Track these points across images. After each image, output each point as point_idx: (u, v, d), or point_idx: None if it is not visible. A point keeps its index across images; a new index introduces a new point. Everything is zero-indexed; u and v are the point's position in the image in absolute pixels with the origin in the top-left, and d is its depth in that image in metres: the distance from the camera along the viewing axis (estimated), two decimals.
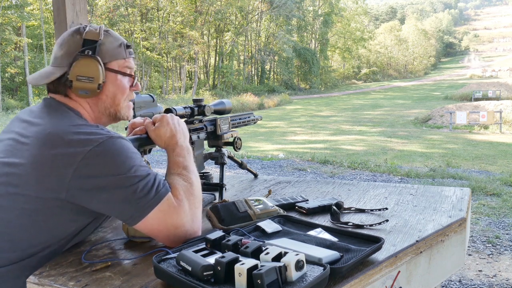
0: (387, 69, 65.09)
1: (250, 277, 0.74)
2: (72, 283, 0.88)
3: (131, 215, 0.97)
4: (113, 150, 0.98)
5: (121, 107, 1.16)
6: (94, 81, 1.07)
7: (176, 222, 1.00)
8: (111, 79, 1.11)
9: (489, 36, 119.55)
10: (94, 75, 1.07)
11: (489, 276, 3.00)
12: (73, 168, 0.94)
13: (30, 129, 1.03)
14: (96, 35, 1.09)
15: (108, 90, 1.12)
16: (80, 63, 1.06)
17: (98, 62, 1.07)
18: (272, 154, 9.19)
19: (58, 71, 1.07)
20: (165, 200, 0.99)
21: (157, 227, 0.99)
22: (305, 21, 48.47)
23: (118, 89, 1.14)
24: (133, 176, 0.97)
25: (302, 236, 1.02)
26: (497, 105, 17.71)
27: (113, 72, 1.12)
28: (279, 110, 25.93)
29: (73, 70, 1.06)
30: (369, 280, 0.89)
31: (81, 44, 1.07)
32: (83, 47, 1.07)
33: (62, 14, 1.93)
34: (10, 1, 26.54)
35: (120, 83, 1.14)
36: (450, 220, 1.20)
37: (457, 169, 7.13)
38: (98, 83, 1.07)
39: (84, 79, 1.06)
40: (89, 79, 1.07)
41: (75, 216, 1.00)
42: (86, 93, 1.08)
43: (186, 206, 1.03)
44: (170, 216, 0.99)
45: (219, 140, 1.55)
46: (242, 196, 1.54)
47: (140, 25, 33.86)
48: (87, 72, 1.06)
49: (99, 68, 1.07)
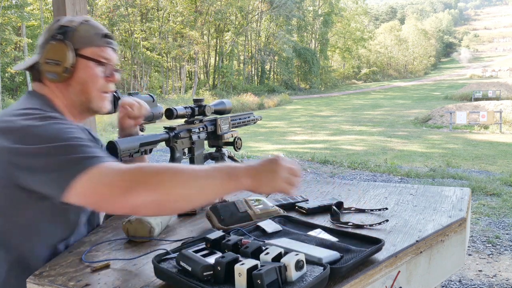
0: (387, 69, 65.07)
1: (250, 277, 0.74)
2: (72, 283, 0.88)
3: (56, 185, 0.91)
4: (43, 127, 0.97)
5: (92, 96, 1.14)
6: (61, 65, 1.07)
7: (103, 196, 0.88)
8: (82, 65, 1.10)
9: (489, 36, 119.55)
10: (61, 58, 1.07)
11: (489, 276, 3.00)
12: (7, 144, 0.95)
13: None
14: (71, 22, 1.10)
15: (78, 76, 1.11)
16: (50, 47, 1.08)
17: (67, 46, 1.08)
18: (272, 154, 9.18)
19: (36, 57, 1.11)
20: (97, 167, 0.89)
21: (83, 200, 0.90)
22: (305, 21, 48.45)
23: (89, 77, 1.12)
24: (57, 148, 0.92)
25: (302, 236, 1.03)
26: (497, 105, 17.70)
27: (84, 58, 1.10)
28: (279, 110, 25.92)
29: (44, 54, 1.08)
30: (369, 280, 0.89)
31: (55, 30, 1.10)
32: (55, 32, 1.09)
33: (62, 14, 1.93)
34: (10, 1, 26.53)
35: (92, 70, 1.12)
36: (450, 220, 1.20)
37: (457, 169, 7.13)
38: (64, 66, 1.07)
39: (51, 62, 1.07)
40: (56, 62, 1.07)
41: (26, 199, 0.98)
42: (54, 77, 1.08)
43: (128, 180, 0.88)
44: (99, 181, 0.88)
45: (220, 140, 1.55)
46: (242, 196, 1.54)
47: (140, 25, 33.85)
48: (55, 55, 1.07)
49: (68, 52, 1.07)
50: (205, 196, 0.92)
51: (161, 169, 0.90)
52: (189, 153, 1.44)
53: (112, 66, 1.17)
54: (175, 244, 1.06)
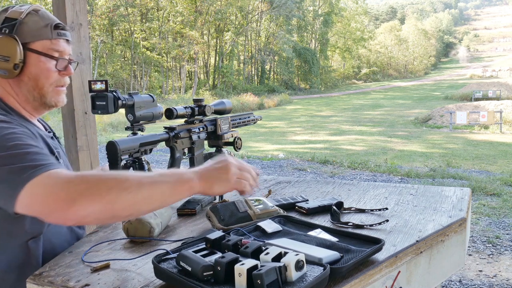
0: (387, 69, 65.08)
1: (250, 277, 0.74)
2: (72, 283, 0.88)
3: (4, 196, 0.87)
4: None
5: (46, 91, 1.11)
6: (10, 61, 1.03)
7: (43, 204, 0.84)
8: (33, 60, 1.06)
9: (489, 36, 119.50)
10: (9, 54, 1.02)
11: (489, 276, 2.99)
12: None
13: None
14: (18, 13, 1.04)
15: (29, 72, 1.07)
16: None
17: (15, 40, 1.03)
18: (272, 154, 9.18)
19: None
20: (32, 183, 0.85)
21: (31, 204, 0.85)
22: (305, 21, 48.45)
23: (41, 72, 1.08)
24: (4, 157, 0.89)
25: (302, 236, 1.02)
26: (497, 105, 17.69)
27: (35, 53, 1.06)
28: (279, 110, 25.93)
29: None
30: (369, 280, 0.89)
31: (1, 23, 1.04)
32: (1, 26, 1.03)
33: (62, 14, 1.93)
34: (10, 1, 26.53)
35: (44, 65, 1.08)
36: (450, 220, 1.20)
37: (457, 169, 7.13)
38: (14, 62, 1.03)
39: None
40: (4, 58, 1.02)
41: None
42: (4, 73, 1.04)
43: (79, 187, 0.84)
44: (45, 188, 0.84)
45: (220, 140, 1.55)
46: (242, 196, 1.54)
47: (140, 25, 33.85)
48: (2, 51, 1.02)
49: (16, 47, 1.02)
50: (154, 202, 0.88)
51: (105, 177, 0.86)
52: (189, 153, 1.44)
53: (66, 58, 1.12)
54: (175, 244, 1.06)
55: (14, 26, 1.03)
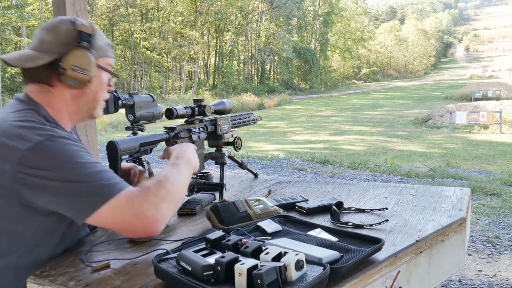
0: (387, 69, 65.07)
1: (250, 277, 0.74)
2: (72, 283, 0.88)
3: (76, 212, 0.95)
4: (54, 148, 0.95)
5: (99, 104, 1.16)
6: (88, 74, 1.07)
7: (135, 212, 0.96)
8: (97, 75, 1.12)
9: (489, 36, 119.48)
10: (88, 67, 1.07)
11: (489, 276, 3.00)
12: (12, 164, 0.93)
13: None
14: (90, 29, 1.09)
15: (92, 85, 1.11)
16: (77, 54, 1.05)
17: (92, 55, 1.08)
18: (272, 154, 9.18)
19: (46, 57, 1.05)
20: (120, 195, 0.96)
21: (110, 222, 0.96)
22: (305, 21, 48.44)
23: (100, 86, 1.14)
24: (77, 175, 0.94)
25: (302, 236, 1.03)
26: (497, 105, 17.69)
27: (100, 68, 1.12)
28: (279, 110, 25.93)
29: (68, 59, 1.05)
30: (369, 280, 0.90)
31: (76, 35, 1.06)
32: (79, 39, 1.06)
33: (62, 14, 1.93)
34: (10, 1, 26.53)
35: (103, 80, 1.14)
36: (450, 220, 1.20)
37: (457, 169, 7.13)
38: (90, 75, 1.08)
39: (78, 69, 1.05)
40: (83, 71, 1.06)
41: (28, 215, 0.97)
42: (76, 84, 1.07)
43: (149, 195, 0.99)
44: (126, 208, 0.96)
45: (220, 140, 1.55)
46: (242, 196, 1.54)
47: (140, 25, 33.85)
48: (83, 63, 1.06)
49: (93, 61, 1.08)
50: (186, 187, 1.13)
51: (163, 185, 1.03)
52: None
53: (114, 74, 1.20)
54: (175, 244, 1.06)
55: (90, 41, 1.09)
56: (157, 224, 0.98)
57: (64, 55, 1.05)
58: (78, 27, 1.07)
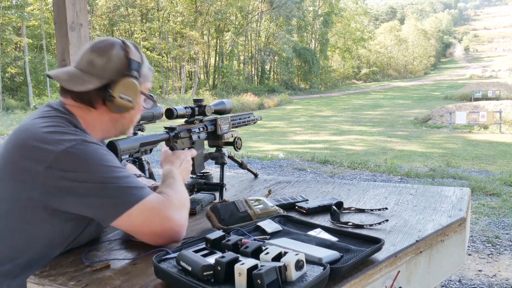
0: (387, 69, 65.08)
1: (250, 277, 0.74)
2: (72, 283, 0.88)
3: (106, 213, 0.97)
4: (86, 152, 0.97)
5: (133, 125, 1.20)
6: (133, 102, 1.09)
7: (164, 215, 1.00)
8: (139, 100, 1.14)
9: (489, 36, 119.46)
10: (134, 95, 1.09)
11: (489, 276, 3.00)
12: (45, 166, 0.93)
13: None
14: (139, 57, 1.12)
15: (133, 110, 1.14)
16: (126, 82, 1.07)
17: (138, 83, 1.10)
18: (272, 154, 9.18)
19: (95, 82, 1.05)
20: (149, 198, 0.99)
21: (140, 223, 0.98)
22: (305, 21, 48.44)
23: (138, 110, 1.16)
24: (110, 176, 0.96)
25: (302, 236, 1.03)
26: (496, 105, 17.70)
27: (142, 94, 1.14)
28: (279, 110, 25.93)
29: (118, 87, 1.06)
30: (369, 280, 0.90)
31: (127, 63, 1.08)
32: (130, 67, 1.08)
33: (62, 14, 1.93)
34: (10, 1, 26.53)
35: (141, 104, 1.16)
36: (450, 220, 1.20)
37: (457, 169, 7.13)
38: (135, 103, 1.10)
39: (125, 98, 1.08)
40: (129, 100, 1.08)
41: (49, 218, 0.98)
42: (119, 111, 1.09)
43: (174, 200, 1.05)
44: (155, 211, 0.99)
45: (220, 140, 1.55)
46: (242, 196, 1.54)
47: (140, 25, 33.86)
48: (131, 93, 1.08)
49: (139, 89, 1.10)
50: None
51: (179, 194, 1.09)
52: None
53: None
54: (175, 244, 1.06)
55: (139, 70, 1.11)
56: (182, 229, 1.03)
57: (114, 82, 1.06)
58: (129, 54, 1.09)
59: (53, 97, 25.33)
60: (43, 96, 26.61)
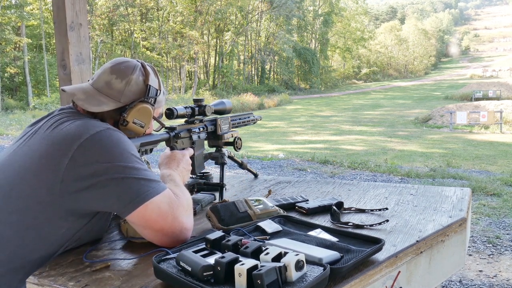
0: (387, 69, 65.07)
1: (250, 277, 0.74)
2: (72, 283, 0.88)
3: (126, 204, 0.96)
4: (111, 139, 0.98)
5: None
6: (144, 127, 1.12)
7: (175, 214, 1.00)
8: (150, 124, 1.18)
9: (489, 36, 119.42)
10: (147, 122, 1.12)
11: (490, 276, 2.99)
12: (68, 157, 0.94)
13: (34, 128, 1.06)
14: (157, 83, 1.13)
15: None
16: (141, 109, 1.09)
17: (152, 109, 1.12)
18: (272, 154, 9.18)
19: (112, 104, 1.07)
20: (165, 193, 0.99)
21: (154, 218, 0.97)
22: (305, 21, 48.45)
23: (148, 131, 1.19)
24: (132, 166, 0.97)
25: (302, 236, 1.02)
26: (497, 105, 17.70)
27: (153, 119, 1.18)
28: (279, 110, 25.92)
29: (132, 113, 1.08)
30: (369, 280, 0.89)
31: (145, 90, 1.10)
32: (147, 94, 1.10)
33: (62, 13, 1.93)
34: (9, 1, 26.53)
35: (151, 127, 1.20)
36: (450, 220, 1.20)
37: (458, 169, 7.13)
38: (146, 129, 1.13)
39: (139, 123, 1.10)
40: (141, 125, 1.11)
41: (65, 215, 0.98)
42: (131, 134, 1.11)
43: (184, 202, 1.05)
44: (169, 208, 0.99)
45: (220, 140, 1.55)
46: (242, 196, 1.54)
47: (140, 25, 33.86)
48: (144, 118, 1.11)
49: (152, 115, 1.13)
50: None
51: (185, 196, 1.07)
52: None
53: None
54: None
55: (156, 99, 1.13)
56: (189, 231, 1.03)
57: (129, 106, 1.07)
58: (148, 81, 1.10)
59: (53, 97, 25.30)
60: (42, 96, 26.61)
